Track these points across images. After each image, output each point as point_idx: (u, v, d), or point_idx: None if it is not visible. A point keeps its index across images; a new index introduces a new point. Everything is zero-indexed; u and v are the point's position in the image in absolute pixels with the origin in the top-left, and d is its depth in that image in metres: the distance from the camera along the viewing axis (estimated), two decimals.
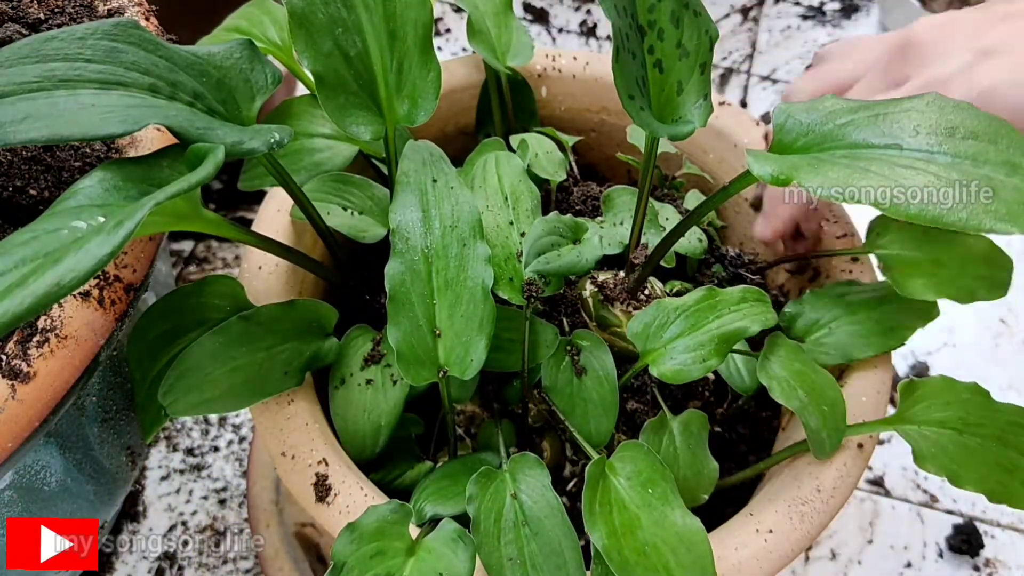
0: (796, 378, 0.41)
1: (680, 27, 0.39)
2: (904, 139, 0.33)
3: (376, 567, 0.34)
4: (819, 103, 0.36)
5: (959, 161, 0.32)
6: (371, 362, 0.44)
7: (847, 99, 0.36)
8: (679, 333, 0.42)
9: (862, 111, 0.35)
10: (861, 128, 0.35)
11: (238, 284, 0.43)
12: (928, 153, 0.32)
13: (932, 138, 0.33)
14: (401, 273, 0.39)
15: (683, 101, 0.40)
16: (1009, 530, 0.72)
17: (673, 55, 0.40)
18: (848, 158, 0.33)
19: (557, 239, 0.43)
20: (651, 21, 0.39)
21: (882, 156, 0.33)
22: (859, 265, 0.51)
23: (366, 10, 0.39)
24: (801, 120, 0.36)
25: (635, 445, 0.39)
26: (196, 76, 0.35)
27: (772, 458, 0.46)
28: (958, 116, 0.33)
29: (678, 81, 0.40)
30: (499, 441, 0.43)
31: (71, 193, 0.30)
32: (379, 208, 0.48)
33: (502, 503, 0.37)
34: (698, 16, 0.40)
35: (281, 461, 0.41)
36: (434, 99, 0.41)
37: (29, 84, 0.30)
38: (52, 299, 0.24)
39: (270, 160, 0.40)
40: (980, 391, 0.42)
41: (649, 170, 0.43)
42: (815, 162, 0.33)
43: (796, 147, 0.36)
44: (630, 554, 0.35)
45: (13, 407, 0.32)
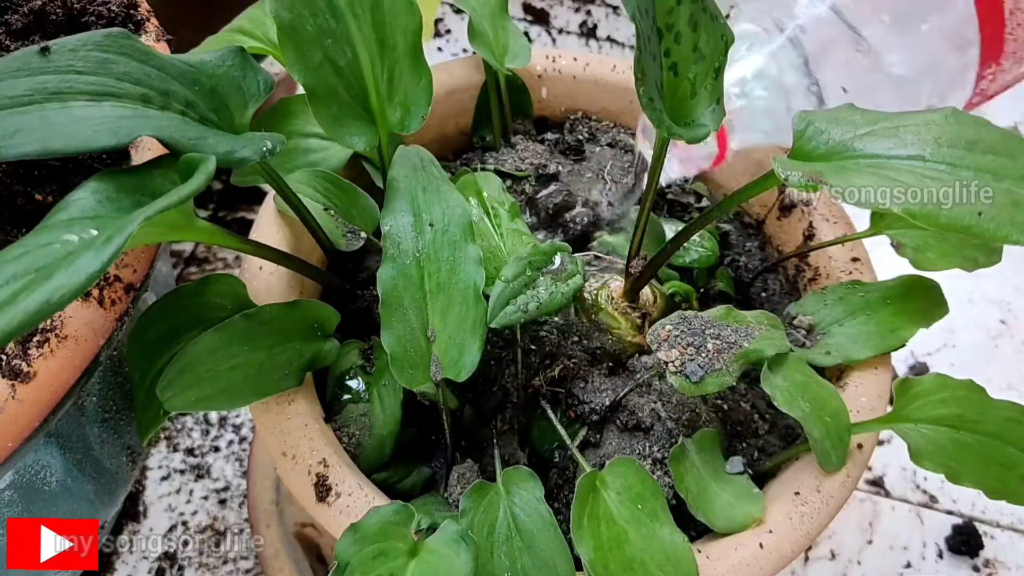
0: (799, 389, 0.41)
1: (697, 31, 0.39)
2: (927, 151, 0.34)
3: (379, 568, 0.34)
4: (838, 112, 0.37)
5: (981, 174, 0.32)
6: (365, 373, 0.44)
7: (866, 109, 0.37)
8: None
9: (882, 121, 0.36)
10: (882, 138, 0.35)
11: (240, 283, 0.43)
12: (951, 166, 0.33)
13: (954, 151, 0.33)
14: (393, 277, 0.39)
15: (696, 104, 0.40)
16: (1008, 530, 0.72)
17: (689, 58, 0.40)
18: (874, 167, 0.34)
19: (532, 275, 0.41)
20: (669, 24, 0.39)
21: (907, 167, 0.33)
22: (859, 265, 0.51)
23: (355, 19, 0.39)
24: (821, 128, 0.36)
25: (627, 461, 0.39)
26: (188, 85, 0.36)
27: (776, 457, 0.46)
28: (976, 130, 0.34)
29: (692, 84, 0.40)
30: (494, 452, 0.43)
31: (64, 205, 0.30)
32: (361, 217, 0.48)
33: (495, 516, 0.37)
34: (715, 20, 0.40)
35: (281, 461, 0.41)
36: (426, 105, 0.41)
37: (20, 98, 0.30)
38: (43, 316, 0.24)
39: (264, 165, 0.40)
40: (976, 388, 0.42)
41: (656, 173, 0.43)
42: (840, 169, 0.34)
43: (817, 154, 0.36)
44: (616, 569, 0.35)
45: (13, 407, 0.32)
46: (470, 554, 0.34)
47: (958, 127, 0.34)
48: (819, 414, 0.41)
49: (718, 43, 0.40)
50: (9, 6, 0.41)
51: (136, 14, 0.43)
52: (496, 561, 0.36)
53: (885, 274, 0.50)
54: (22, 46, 0.39)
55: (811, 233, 0.54)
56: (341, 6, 0.39)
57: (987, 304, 0.87)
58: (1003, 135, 0.34)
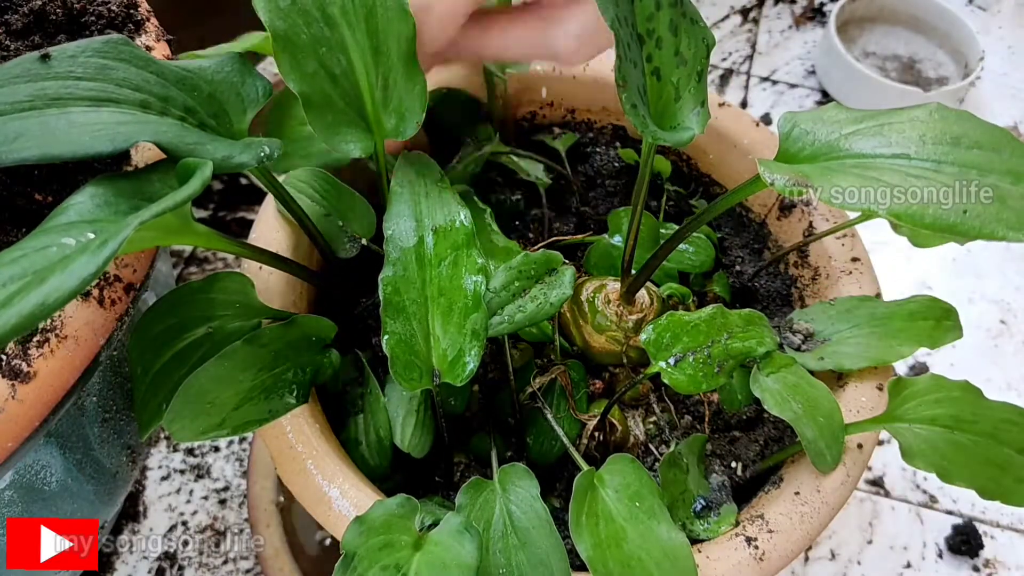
0: (790, 390, 0.41)
1: (678, 35, 0.40)
2: (911, 149, 0.34)
3: (385, 558, 0.34)
4: (824, 112, 0.37)
5: (966, 170, 0.32)
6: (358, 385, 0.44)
7: (851, 108, 0.37)
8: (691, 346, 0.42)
9: (867, 120, 0.36)
10: (868, 137, 0.35)
11: (249, 281, 0.42)
12: (936, 163, 0.33)
13: (939, 148, 0.33)
14: (395, 281, 0.39)
15: (680, 108, 0.41)
16: (1009, 531, 0.72)
17: (671, 63, 0.40)
18: (859, 168, 0.34)
19: (523, 284, 0.41)
20: (650, 30, 0.39)
21: (892, 166, 0.33)
22: (859, 265, 0.51)
23: (349, 27, 0.39)
24: (807, 128, 0.36)
25: (625, 458, 0.39)
26: (187, 91, 0.36)
27: (770, 458, 0.46)
28: (961, 126, 0.34)
29: (676, 88, 0.41)
30: (491, 450, 0.43)
31: (63, 209, 0.30)
32: (359, 222, 0.48)
33: (491, 513, 0.37)
34: (695, 24, 0.40)
35: (281, 461, 0.41)
36: (421, 111, 0.42)
37: (21, 103, 0.31)
38: (38, 319, 0.24)
39: (262, 171, 0.40)
40: (971, 389, 0.42)
41: (645, 176, 0.43)
42: (826, 171, 0.34)
43: (803, 156, 0.36)
44: (615, 566, 0.35)
45: (13, 407, 0.32)
46: (474, 544, 0.34)
47: (943, 123, 0.34)
48: (812, 415, 0.41)
49: (699, 47, 0.40)
50: (9, 6, 0.41)
51: (136, 14, 0.43)
52: (491, 558, 0.36)
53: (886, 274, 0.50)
54: (22, 46, 0.39)
55: (811, 232, 0.54)
56: (335, 14, 0.39)
57: (987, 304, 0.87)
58: (988, 129, 0.33)
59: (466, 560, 0.34)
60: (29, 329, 0.25)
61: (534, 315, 0.40)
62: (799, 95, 1.04)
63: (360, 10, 0.40)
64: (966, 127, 0.33)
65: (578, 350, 0.50)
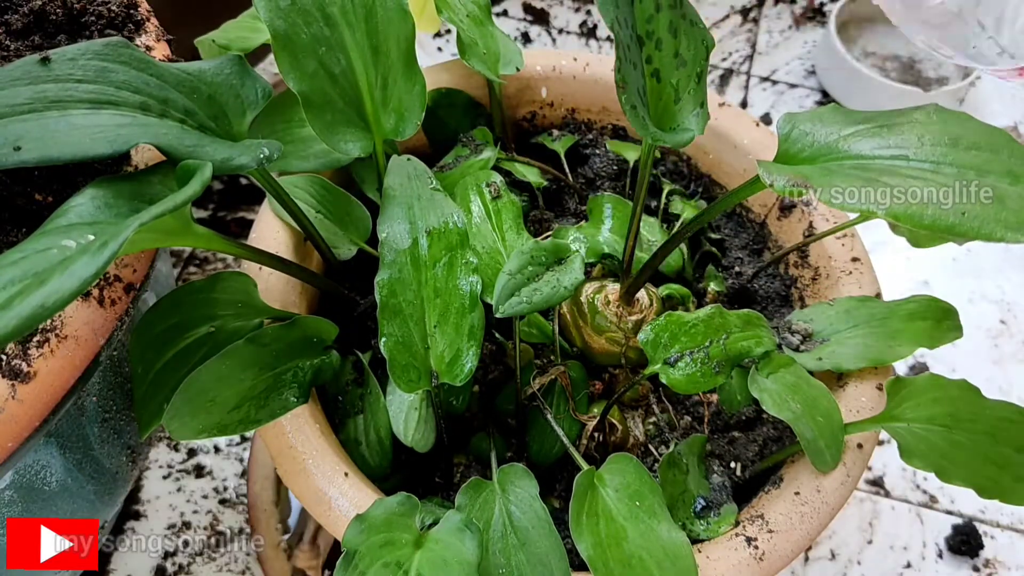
0: (789, 390, 0.41)
1: (677, 37, 0.40)
2: (910, 150, 0.34)
3: (386, 556, 0.34)
4: (823, 113, 0.37)
5: (965, 171, 0.32)
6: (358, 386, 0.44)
7: (850, 110, 0.37)
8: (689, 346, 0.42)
9: (866, 121, 0.36)
10: (867, 139, 0.35)
11: (251, 281, 0.43)
12: (935, 164, 0.33)
13: (937, 148, 0.33)
14: (391, 283, 0.39)
15: (680, 109, 0.41)
16: (1009, 531, 0.72)
17: (671, 65, 0.40)
18: (859, 169, 0.34)
19: (535, 269, 0.42)
20: (649, 32, 0.39)
21: (891, 167, 0.33)
22: (859, 265, 0.51)
23: (349, 27, 0.40)
24: (806, 129, 0.36)
25: (625, 458, 0.39)
26: (187, 93, 0.36)
27: (770, 458, 0.46)
28: (959, 127, 0.34)
29: (675, 90, 0.41)
30: (491, 451, 0.43)
31: (63, 211, 0.30)
32: (354, 226, 0.48)
33: (490, 513, 0.37)
34: (694, 26, 0.40)
35: (281, 461, 0.41)
36: (420, 112, 0.42)
37: (21, 106, 0.31)
38: (38, 320, 0.24)
39: (262, 172, 0.40)
40: (969, 388, 0.42)
41: (645, 177, 0.43)
42: (826, 173, 0.34)
43: (803, 157, 0.36)
44: (615, 565, 0.35)
45: (13, 407, 0.32)
46: (475, 541, 0.34)
47: (941, 124, 0.34)
48: (811, 414, 0.41)
49: (699, 48, 0.41)
50: (9, 6, 0.41)
51: (136, 14, 0.43)
52: (491, 558, 0.36)
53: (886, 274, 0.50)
54: (22, 46, 0.40)
55: (811, 233, 0.54)
56: (335, 14, 0.39)
57: (987, 304, 0.87)
58: (986, 130, 0.33)
59: (467, 557, 0.34)
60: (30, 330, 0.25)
61: (549, 297, 0.40)
62: (799, 95, 1.04)
63: (360, 10, 0.40)
64: (965, 128, 0.33)
65: (578, 351, 0.50)
